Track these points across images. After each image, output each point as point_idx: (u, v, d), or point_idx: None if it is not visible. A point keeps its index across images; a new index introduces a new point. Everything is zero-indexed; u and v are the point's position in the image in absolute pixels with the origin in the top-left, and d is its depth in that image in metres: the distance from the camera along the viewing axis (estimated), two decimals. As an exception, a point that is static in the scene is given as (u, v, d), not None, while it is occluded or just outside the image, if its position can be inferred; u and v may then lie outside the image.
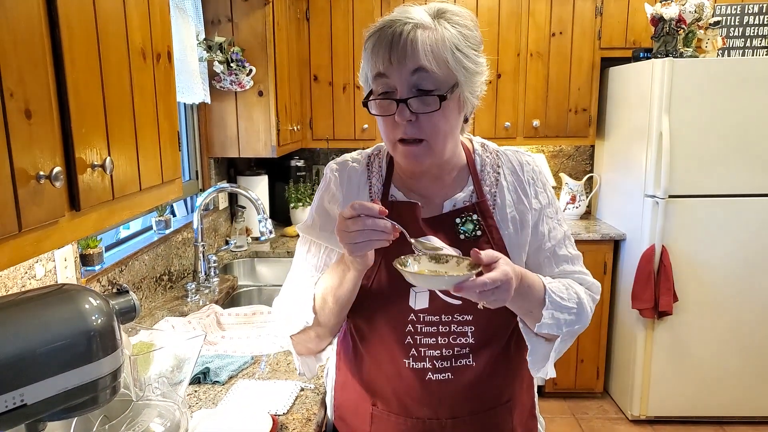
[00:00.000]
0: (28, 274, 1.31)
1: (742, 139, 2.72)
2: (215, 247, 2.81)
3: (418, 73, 0.92)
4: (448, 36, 0.94)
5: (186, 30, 2.21)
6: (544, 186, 1.10)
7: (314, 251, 1.13)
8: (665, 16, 2.78)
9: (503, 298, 0.87)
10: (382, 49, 0.93)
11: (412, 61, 0.92)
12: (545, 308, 0.98)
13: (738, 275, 2.83)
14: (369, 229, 0.86)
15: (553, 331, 0.99)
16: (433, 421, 1.05)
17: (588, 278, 1.10)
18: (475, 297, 0.85)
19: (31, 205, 0.72)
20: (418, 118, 0.94)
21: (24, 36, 0.71)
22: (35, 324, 0.66)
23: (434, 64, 0.92)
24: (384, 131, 1.00)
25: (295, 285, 1.12)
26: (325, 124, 3.27)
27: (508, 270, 0.87)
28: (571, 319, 1.01)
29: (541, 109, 3.25)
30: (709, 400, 2.94)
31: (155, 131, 1.12)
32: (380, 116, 0.98)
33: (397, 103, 0.93)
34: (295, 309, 1.05)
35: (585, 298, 1.05)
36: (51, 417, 0.68)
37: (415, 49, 0.91)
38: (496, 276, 0.85)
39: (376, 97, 0.97)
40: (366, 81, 1.02)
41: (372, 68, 0.96)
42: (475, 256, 0.87)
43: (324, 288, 1.02)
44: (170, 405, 0.83)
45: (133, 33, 1.01)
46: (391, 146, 1.01)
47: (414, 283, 0.89)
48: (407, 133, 0.95)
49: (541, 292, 0.98)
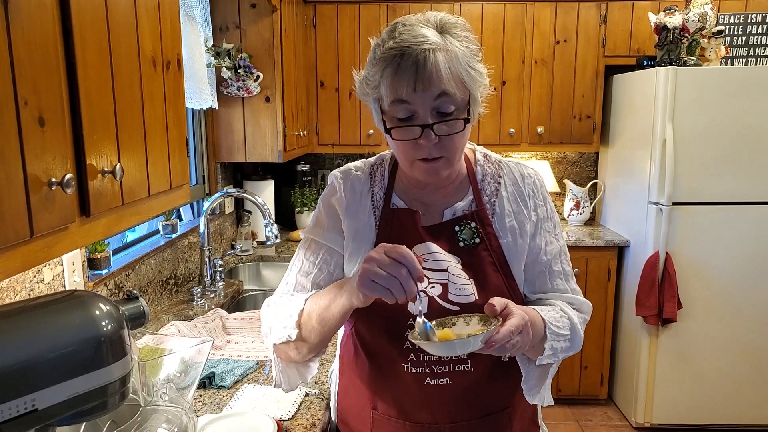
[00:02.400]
0: (36, 278, 1.33)
1: (745, 146, 2.72)
2: (221, 252, 2.82)
3: (441, 97, 0.93)
4: (460, 54, 0.94)
5: (194, 36, 2.24)
6: (545, 200, 1.11)
7: (314, 249, 1.14)
8: (669, 25, 2.79)
9: (525, 341, 0.90)
10: (406, 76, 0.92)
11: (437, 87, 0.92)
12: (546, 341, 1.00)
13: (742, 282, 2.82)
14: (400, 279, 0.85)
15: (550, 360, 1.02)
16: (432, 425, 1.06)
17: (579, 297, 1.12)
18: (505, 349, 0.87)
19: (42, 211, 0.73)
20: (441, 139, 0.95)
21: (38, 45, 0.73)
22: (47, 330, 0.67)
23: (454, 87, 0.93)
24: (402, 152, 1.00)
25: (288, 287, 1.13)
26: (330, 130, 3.29)
27: (522, 313, 0.90)
28: (567, 345, 1.04)
29: (546, 116, 3.26)
30: (713, 408, 2.93)
31: (164, 138, 1.13)
32: (402, 140, 0.98)
33: (422, 128, 0.94)
34: (282, 318, 1.05)
35: (577, 322, 1.07)
36: (61, 422, 0.69)
37: (439, 75, 0.91)
38: (518, 322, 0.87)
39: (399, 124, 0.97)
40: (370, 98, 1.01)
41: (391, 93, 0.95)
42: (491, 309, 0.89)
43: (313, 304, 1.02)
44: (178, 410, 0.84)
45: (144, 41, 1.03)
46: (408, 164, 1.01)
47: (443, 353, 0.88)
48: (431, 153, 0.96)
49: (542, 326, 1.00)
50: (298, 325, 1.02)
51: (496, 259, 1.05)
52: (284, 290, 1.15)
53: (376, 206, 1.10)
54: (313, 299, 1.03)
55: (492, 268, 1.04)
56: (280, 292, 1.15)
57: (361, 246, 1.08)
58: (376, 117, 1.03)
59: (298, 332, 1.01)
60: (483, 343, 0.84)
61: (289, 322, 1.02)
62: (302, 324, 1.02)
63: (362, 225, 1.09)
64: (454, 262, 1.04)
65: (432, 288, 1.03)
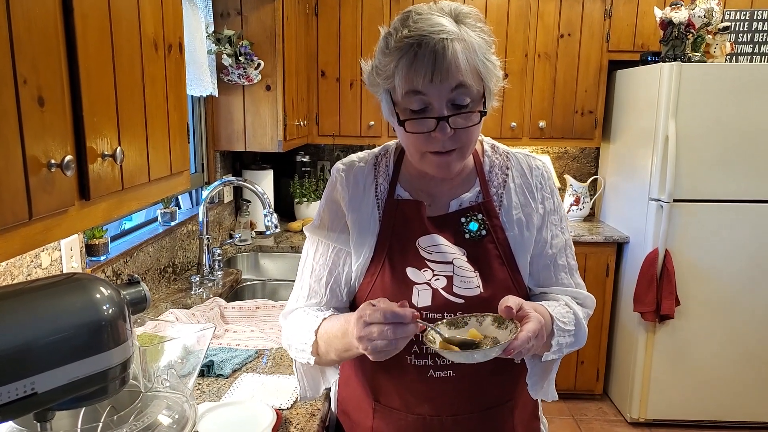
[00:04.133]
0: (34, 263, 1.31)
1: (748, 144, 2.71)
2: (219, 241, 2.81)
3: (458, 89, 0.91)
4: (476, 45, 0.92)
5: (195, 22, 2.21)
6: (552, 192, 1.10)
7: (322, 251, 1.12)
8: (674, 20, 2.77)
9: (539, 345, 0.90)
10: (423, 66, 0.89)
11: (454, 78, 0.90)
12: (553, 337, 0.99)
13: (741, 281, 2.83)
14: (398, 338, 0.83)
15: (555, 356, 1.02)
16: (434, 417, 1.05)
17: (583, 292, 1.11)
18: (521, 354, 0.86)
19: (42, 193, 0.71)
20: (455, 131, 0.93)
21: (38, 23, 0.71)
22: (47, 313, 0.65)
23: (471, 78, 0.91)
24: (414, 144, 0.97)
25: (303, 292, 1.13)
26: (331, 120, 3.27)
27: (538, 315, 0.89)
28: (572, 341, 1.03)
29: (548, 111, 3.24)
30: (708, 405, 2.94)
31: (165, 122, 1.11)
32: (417, 133, 0.95)
33: (437, 120, 0.92)
34: (298, 341, 1.06)
35: (581, 317, 1.06)
36: (60, 406, 0.68)
37: (458, 66, 0.89)
38: (535, 327, 0.87)
39: (413, 116, 0.94)
40: (381, 89, 0.98)
41: (406, 84, 0.92)
42: (508, 312, 0.88)
43: (330, 340, 1.00)
44: (178, 397, 0.83)
45: (146, 23, 1.01)
46: (419, 156, 0.99)
47: (461, 360, 0.87)
48: (444, 147, 0.94)
49: (550, 323, 0.99)
50: (316, 351, 1.04)
51: (502, 251, 1.03)
52: (299, 296, 1.14)
53: (380, 197, 1.08)
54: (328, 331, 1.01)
55: (498, 261, 1.03)
56: (295, 300, 1.15)
57: (365, 238, 1.06)
58: (387, 108, 0.99)
59: (316, 358, 1.04)
60: (501, 351, 0.84)
61: (306, 349, 1.04)
62: (321, 353, 1.04)
63: (366, 217, 1.07)
64: (460, 255, 1.03)
65: (436, 280, 1.02)
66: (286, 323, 1.13)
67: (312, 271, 1.12)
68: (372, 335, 0.84)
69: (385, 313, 0.83)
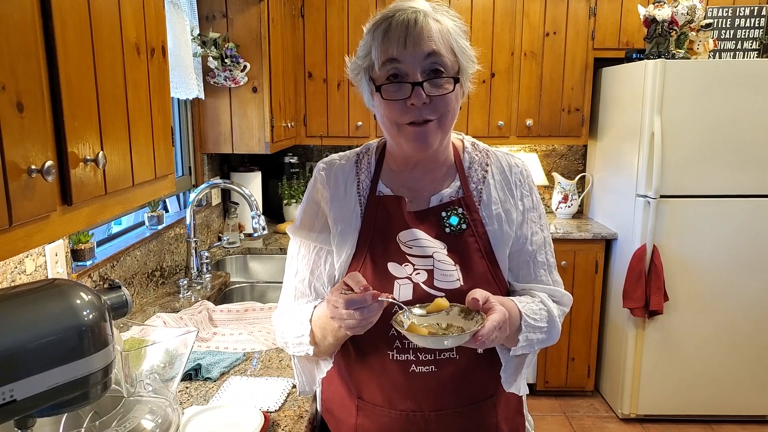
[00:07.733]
0: (18, 269, 1.30)
1: (732, 140, 2.74)
2: (207, 243, 2.80)
3: (432, 57, 0.96)
4: (451, 26, 0.99)
5: (180, 25, 2.20)
6: (531, 190, 1.12)
7: (304, 251, 1.14)
8: (658, 18, 2.80)
9: (501, 336, 0.95)
10: (396, 34, 0.95)
11: (427, 45, 0.95)
12: (521, 332, 1.02)
13: (728, 275, 2.86)
14: (365, 317, 0.90)
15: (526, 351, 1.05)
16: (416, 413, 1.06)
17: (560, 290, 1.13)
18: (484, 344, 0.90)
19: (22, 199, 0.71)
20: (432, 100, 0.96)
21: (16, 27, 0.71)
22: (26, 319, 0.65)
23: (445, 50, 0.96)
24: (390, 115, 0.99)
25: (289, 295, 1.15)
26: (319, 121, 3.26)
27: (503, 308, 0.93)
28: (544, 337, 1.07)
29: (535, 109, 3.26)
30: (698, 399, 2.97)
31: (149, 126, 1.11)
32: (392, 100, 0.98)
33: (412, 86, 0.95)
34: (294, 336, 1.09)
35: (556, 314, 1.09)
36: (41, 413, 0.68)
37: (430, 34, 0.95)
38: (500, 318, 0.91)
39: (387, 81, 0.97)
40: (361, 71, 1.02)
41: (382, 54, 0.97)
42: (475, 304, 0.93)
43: (324, 324, 1.03)
44: (162, 401, 0.83)
45: (127, 27, 1.00)
46: (396, 129, 1.00)
47: (431, 346, 0.94)
48: (421, 115, 0.97)
49: (518, 318, 1.02)
50: (313, 341, 1.06)
51: (482, 245, 1.05)
52: (287, 297, 1.17)
53: (362, 194, 1.10)
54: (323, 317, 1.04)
55: (478, 255, 1.05)
56: (284, 301, 1.18)
57: (348, 235, 1.08)
58: (367, 91, 1.03)
59: (314, 348, 1.07)
60: (468, 338, 0.89)
61: (303, 341, 1.07)
62: (318, 341, 1.06)
63: (348, 213, 1.09)
64: (440, 248, 1.04)
65: (417, 275, 1.03)
66: (279, 322, 1.15)
67: (296, 272, 1.15)
68: (342, 317, 0.91)
69: (345, 302, 0.89)
